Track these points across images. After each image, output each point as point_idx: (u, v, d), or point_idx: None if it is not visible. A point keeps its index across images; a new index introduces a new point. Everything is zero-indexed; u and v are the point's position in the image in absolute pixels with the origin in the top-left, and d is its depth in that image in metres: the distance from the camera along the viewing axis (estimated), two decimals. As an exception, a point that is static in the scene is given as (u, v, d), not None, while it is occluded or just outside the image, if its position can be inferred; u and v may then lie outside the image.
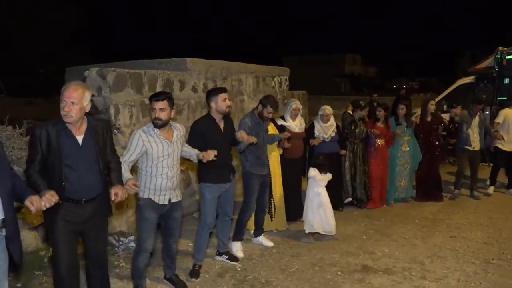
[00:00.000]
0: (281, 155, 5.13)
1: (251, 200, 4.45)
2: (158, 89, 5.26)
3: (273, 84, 7.48)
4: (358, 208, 6.11)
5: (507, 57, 8.96)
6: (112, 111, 4.70)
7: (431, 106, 6.54)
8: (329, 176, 4.95)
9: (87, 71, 4.73)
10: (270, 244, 4.71)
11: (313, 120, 5.88)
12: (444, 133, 7.44)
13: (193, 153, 3.61)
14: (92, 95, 4.71)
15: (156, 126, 3.26)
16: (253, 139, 3.96)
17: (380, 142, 6.15)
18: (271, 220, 5.03)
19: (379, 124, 6.21)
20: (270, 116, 4.65)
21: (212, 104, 3.84)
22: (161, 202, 3.37)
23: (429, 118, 6.55)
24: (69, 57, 18.27)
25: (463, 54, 29.82)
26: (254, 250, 4.58)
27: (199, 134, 3.81)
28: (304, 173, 5.43)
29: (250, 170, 4.41)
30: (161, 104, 3.20)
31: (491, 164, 8.95)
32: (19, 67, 18.69)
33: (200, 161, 3.61)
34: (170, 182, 3.37)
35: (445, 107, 9.71)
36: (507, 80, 9.06)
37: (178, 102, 5.57)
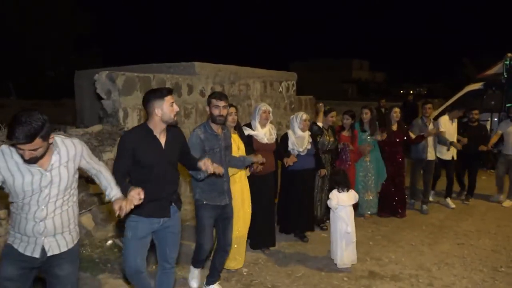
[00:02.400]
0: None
1: (202, 238, 3.50)
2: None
3: (281, 89, 7.49)
4: (321, 230, 5.36)
5: (516, 64, 8.91)
6: (121, 114, 4.75)
7: (395, 114, 5.93)
8: (353, 194, 4.36)
9: (96, 75, 4.78)
10: None
11: (288, 130, 5.04)
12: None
13: (108, 193, 2.58)
14: (101, 99, 4.81)
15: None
16: (219, 170, 3.04)
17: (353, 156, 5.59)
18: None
19: (344, 133, 5.65)
20: (232, 120, 3.89)
21: (156, 111, 2.77)
22: (27, 253, 2.38)
23: (394, 127, 5.97)
24: (77, 60, 18.44)
25: (461, 61, 29.68)
26: (260, 255, 4.57)
27: (129, 151, 2.77)
28: (276, 191, 4.84)
29: (200, 199, 3.46)
30: (28, 146, 2.16)
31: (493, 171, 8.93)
32: (27, 69, 18.88)
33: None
34: (39, 226, 2.35)
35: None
36: (515, 87, 9.01)
37: (186, 106, 5.61)
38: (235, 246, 4.04)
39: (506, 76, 9.08)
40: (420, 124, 6.28)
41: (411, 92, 36.68)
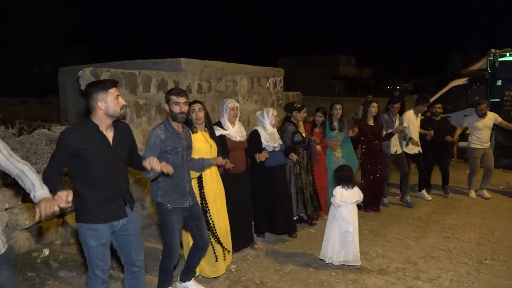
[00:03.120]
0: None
1: (173, 242, 3.31)
2: (153, 89, 5.25)
3: (268, 85, 7.48)
4: (309, 225, 5.42)
5: (499, 59, 9.04)
6: (106, 111, 4.68)
7: (373, 109, 5.98)
8: (357, 191, 4.21)
9: (80, 71, 4.70)
10: None
11: (256, 127, 4.92)
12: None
13: (33, 194, 2.27)
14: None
15: None
16: (168, 169, 2.87)
17: (319, 148, 5.58)
18: (216, 260, 3.88)
19: (317, 130, 5.68)
20: (197, 117, 3.68)
21: (99, 104, 2.60)
22: None
23: (371, 122, 6.01)
24: (63, 57, 18.18)
25: (452, 56, 30.05)
26: (249, 251, 4.57)
27: (71, 150, 2.54)
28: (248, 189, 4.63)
29: (163, 201, 3.26)
30: None
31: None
32: (11, 67, 18.57)
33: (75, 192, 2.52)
34: None
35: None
36: (499, 82, 9.14)
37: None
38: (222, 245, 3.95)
39: (490, 71, 9.21)
40: (387, 119, 6.28)
41: (398, 87, 37.02)
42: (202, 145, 3.71)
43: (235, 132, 4.30)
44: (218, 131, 4.16)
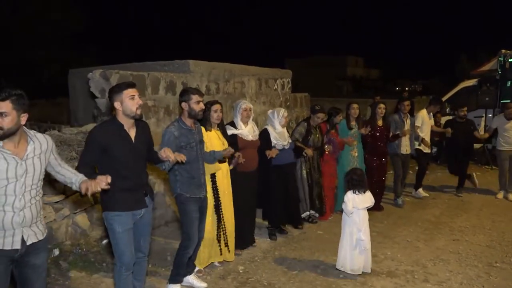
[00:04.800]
0: (231, 170, 4.24)
1: (192, 230, 3.54)
2: (161, 91, 5.28)
3: (276, 86, 7.48)
4: (311, 223, 5.47)
5: (510, 60, 8.96)
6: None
7: (380, 110, 6.07)
8: (369, 195, 4.06)
9: (90, 73, 4.75)
10: (203, 285, 3.77)
11: (266, 126, 5.03)
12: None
13: (75, 180, 2.59)
14: (95, 97, 4.78)
15: None
16: (181, 157, 3.08)
17: (328, 149, 5.57)
18: (220, 254, 4.12)
19: (335, 132, 5.74)
20: (218, 117, 3.99)
21: (116, 105, 2.89)
22: (6, 247, 2.34)
23: (379, 123, 6.08)
24: (72, 59, 18.34)
25: (459, 57, 29.87)
26: (256, 252, 4.57)
27: (100, 145, 2.84)
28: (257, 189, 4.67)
29: (182, 192, 3.53)
30: (1, 107, 2.21)
31: (494, 167, 8.96)
32: (21, 68, 18.76)
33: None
34: (19, 216, 2.35)
35: (447, 109, 9.71)
36: (509, 83, 9.06)
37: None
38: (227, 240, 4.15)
39: (500, 72, 9.13)
40: (397, 120, 6.33)
41: (406, 89, 36.80)
42: (216, 142, 3.96)
43: (247, 131, 4.48)
44: (230, 131, 4.38)
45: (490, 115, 9.20)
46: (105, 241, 4.39)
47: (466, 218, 5.91)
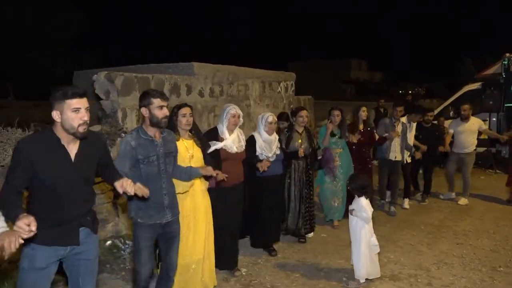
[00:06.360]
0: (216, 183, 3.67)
1: (138, 263, 2.98)
2: (166, 93, 5.29)
3: (279, 89, 7.49)
4: (299, 242, 4.96)
5: (514, 64, 8.94)
6: (119, 115, 4.75)
7: (363, 113, 5.84)
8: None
9: (95, 75, 4.78)
10: None
11: (253, 132, 4.54)
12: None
13: None
14: (100, 99, 4.80)
15: None
16: (143, 191, 2.50)
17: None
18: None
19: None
20: (187, 122, 3.30)
21: (54, 115, 2.24)
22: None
23: (361, 127, 5.83)
24: (77, 60, 18.42)
25: (463, 60, 29.83)
26: (260, 255, 4.57)
27: (25, 163, 2.18)
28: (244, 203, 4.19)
29: (135, 217, 2.94)
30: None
31: (498, 171, 8.94)
32: (25, 70, 18.86)
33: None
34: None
35: (451, 113, 9.69)
36: (514, 87, 9.03)
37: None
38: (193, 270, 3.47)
39: (504, 76, 9.11)
40: (388, 124, 6.15)
41: (410, 92, 36.72)
42: (183, 154, 3.31)
43: (232, 142, 3.86)
44: (213, 145, 3.77)
45: (494, 119, 9.18)
46: (108, 243, 4.39)
47: (470, 222, 5.89)
